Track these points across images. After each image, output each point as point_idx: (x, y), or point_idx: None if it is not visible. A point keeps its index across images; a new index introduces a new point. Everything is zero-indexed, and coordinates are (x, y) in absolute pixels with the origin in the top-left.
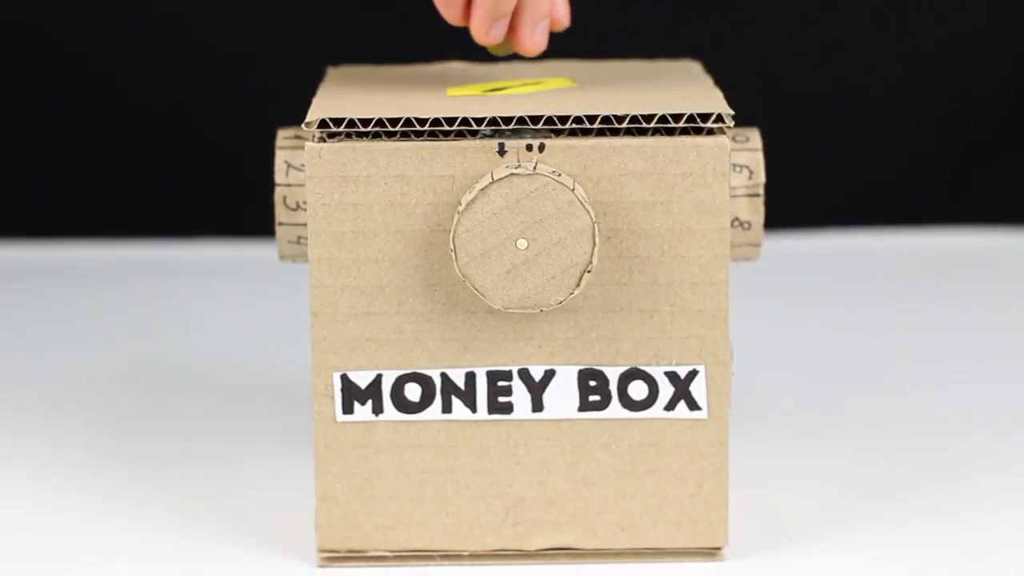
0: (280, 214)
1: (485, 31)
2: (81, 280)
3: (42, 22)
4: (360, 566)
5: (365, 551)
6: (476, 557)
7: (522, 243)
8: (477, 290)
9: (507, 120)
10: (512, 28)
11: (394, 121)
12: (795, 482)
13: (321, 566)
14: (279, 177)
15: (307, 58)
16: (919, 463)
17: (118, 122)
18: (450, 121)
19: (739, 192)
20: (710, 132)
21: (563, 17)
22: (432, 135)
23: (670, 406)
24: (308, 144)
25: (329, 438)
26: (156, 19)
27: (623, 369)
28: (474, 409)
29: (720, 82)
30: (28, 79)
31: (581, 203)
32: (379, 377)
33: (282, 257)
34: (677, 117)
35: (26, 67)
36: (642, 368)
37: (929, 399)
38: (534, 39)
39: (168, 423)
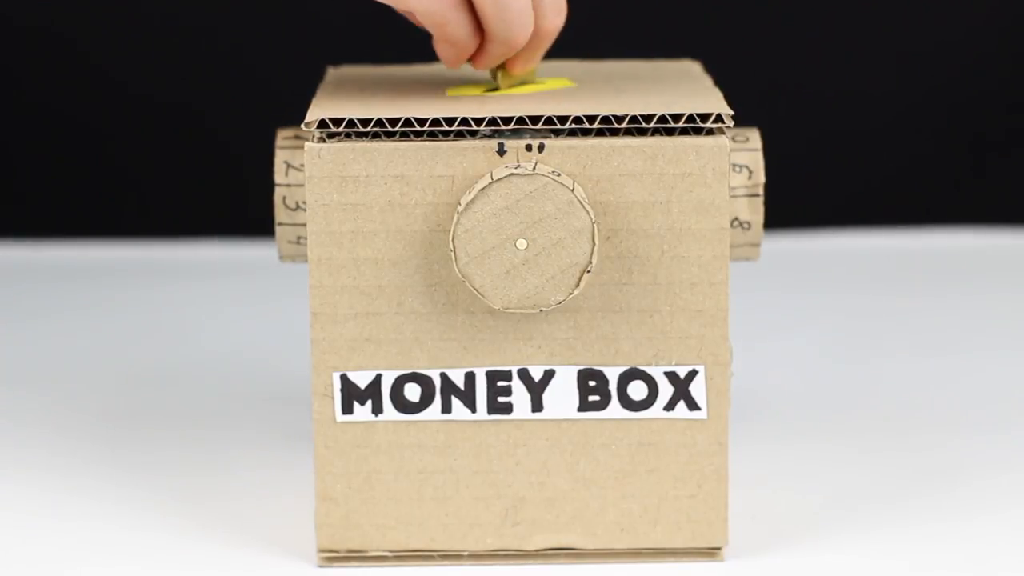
0: (280, 214)
1: (485, 67)
2: (81, 280)
3: (42, 23)
4: (360, 566)
5: (365, 551)
6: (476, 557)
7: (522, 243)
8: (477, 290)
9: (507, 120)
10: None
11: (394, 121)
12: (795, 482)
13: (321, 566)
14: (279, 177)
15: (307, 58)
16: (919, 463)
17: (118, 122)
18: (450, 121)
19: (739, 192)
20: (710, 132)
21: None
22: (432, 135)
23: (670, 406)
24: (308, 144)
25: (329, 438)
26: (156, 19)
27: (623, 369)
28: (474, 409)
29: (720, 82)
30: (28, 79)
31: (581, 203)
32: (379, 377)
33: (282, 257)
34: (677, 117)
35: (26, 67)
36: (642, 368)
37: (929, 399)
38: (525, 68)
39: (168, 423)
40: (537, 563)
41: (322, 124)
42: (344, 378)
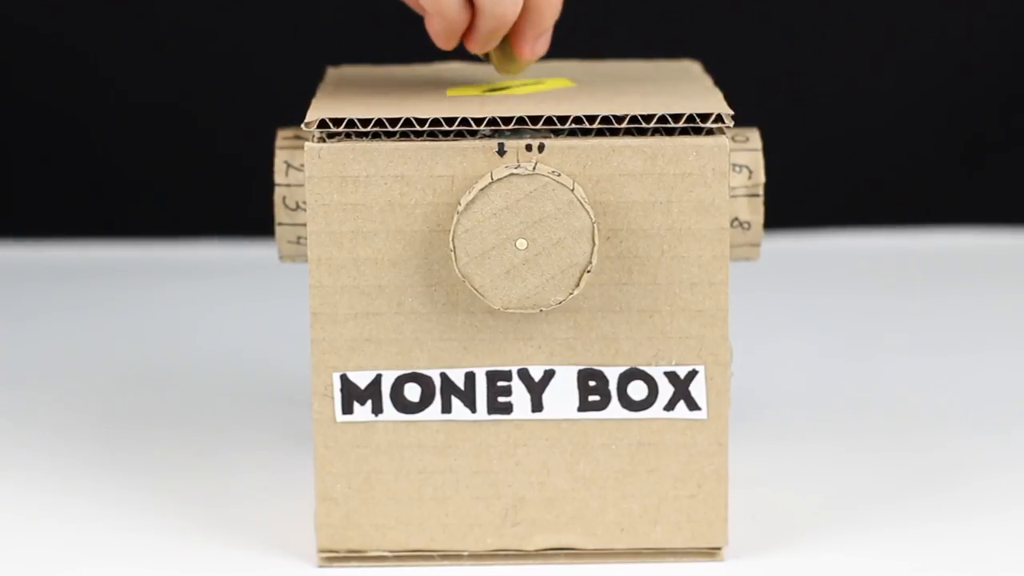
0: (280, 214)
1: (479, 48)
2: (81, 280)
3: (42, 23)
4: (360, 566)
5: (365, 551)
6: (476, 557)
7: (522, 243)
8: (477, 290)
9: (507, 120)
10: (513, 38)
11: (394, 121)
12: (795, 482)
13: (321, 566)
14: (279, 177)
15: (307, 58)
16: (919, 463)
17: (118, 122)
18: (450, 121)
19: (739, 192)
20: (710, 132)
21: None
22: (432, 135)
23: (670, 406)
24: (308, 144)
25: (329, 438)
26: (156, 20)
27: (623, 369)
28: (474, 409)
29: (720, 82)
30: (28, 80)
31: (581, 203)
32: (379, 377)
33: (282, 257)
34: (677, 117)
35: (26, 68)
36: (641, 368)
37: (929, 399)
38: (535, 50)
39: (168, 423)
40: (537, 563)
41: (322, 124)
42: (344, 378)
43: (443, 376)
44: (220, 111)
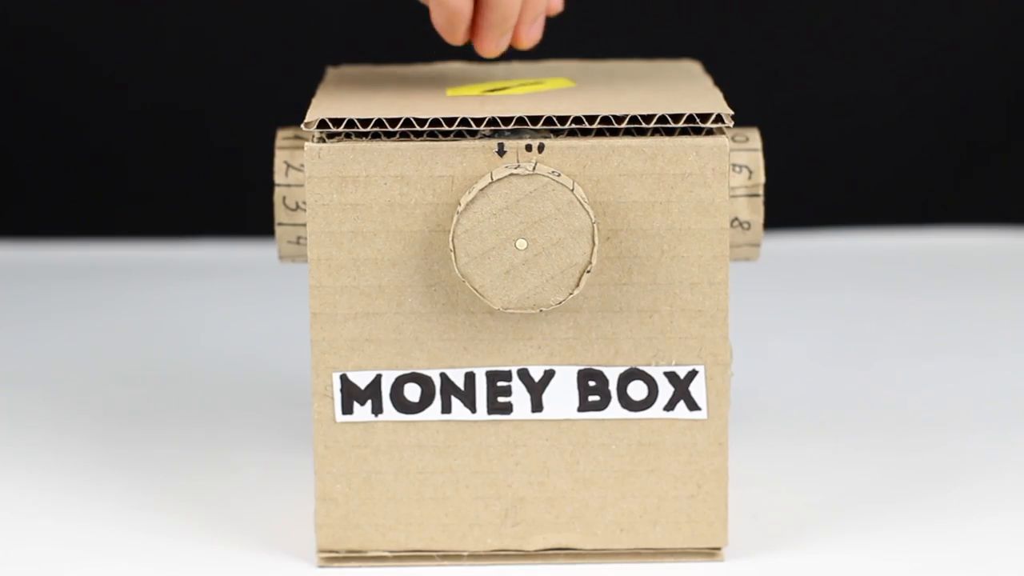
0: (280, 214)
1: (494, 47)
2: (81, 280)
3: (43, 23)
4: (360, 566)
5: (365, 551)
6: (475, 557)
7: (521, 243)
8: (477, 290)
9: (506, 120)
10: None
11: (394, 121)
12: (795, 482)
13: (321, 566)
14: (279, 177)
15: (307, 58)
16: (919, 463)
17: (118, 122)
18: (450, 121)
19: (739, 192)
20: (709, 132)
21: (556, 3)
22: (432, 135)
23: (670, 406)
24: (308, 144)
25: (328, 438)
26: (156, 19)
27: (622, 369)
28: (473, 409)
29: (720, 82)
30: (29, 79)
31: (580, 203)
32: (378, 377)
33: (282, 257)
34: (676, 117)
35: (27, 67)
36: (641, 368)
37: (929, 399)
38: (530, 36)
39: (168, 423)
40: (537, 563)
41: (322, 124)
42: (344, 378)
43: (443, 376)
44: (220, 111)
